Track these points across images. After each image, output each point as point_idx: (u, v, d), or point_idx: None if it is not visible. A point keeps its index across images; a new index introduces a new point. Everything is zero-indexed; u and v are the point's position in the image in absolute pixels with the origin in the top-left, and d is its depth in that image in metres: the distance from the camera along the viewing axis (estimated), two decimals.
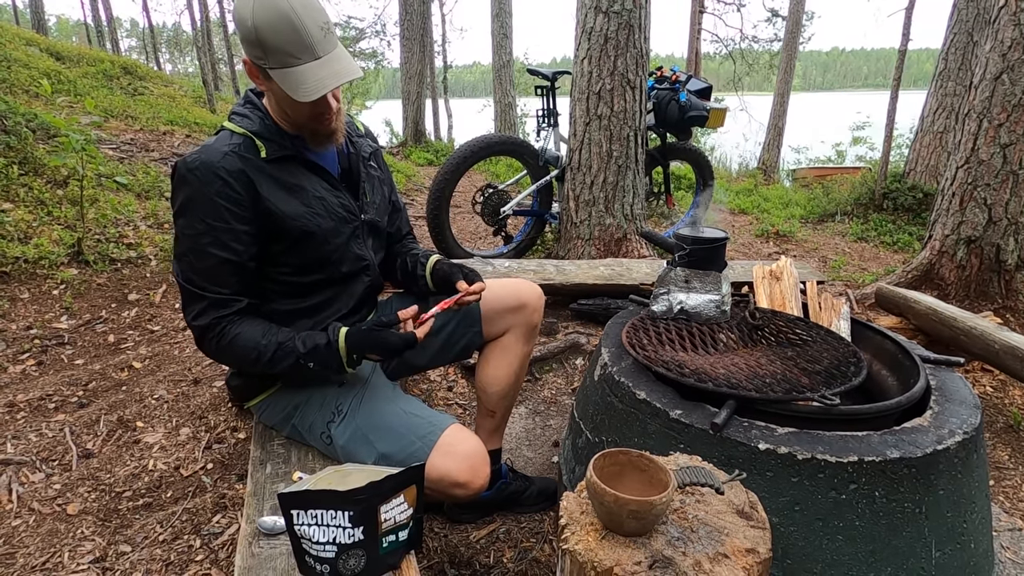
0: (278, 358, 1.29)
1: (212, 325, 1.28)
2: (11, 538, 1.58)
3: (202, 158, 1.24)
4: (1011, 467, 2.18)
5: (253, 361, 1.29)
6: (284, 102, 1.27)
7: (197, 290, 1.27)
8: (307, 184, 1.35)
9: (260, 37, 1.15)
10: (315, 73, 1.18)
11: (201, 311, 1.27)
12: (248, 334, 1.28)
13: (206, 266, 1.25)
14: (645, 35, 3.42)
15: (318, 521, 1.01)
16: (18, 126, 3.78)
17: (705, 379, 1.28)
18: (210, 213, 1.23)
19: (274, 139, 1.31)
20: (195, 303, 1.28)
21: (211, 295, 1.27)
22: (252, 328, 1.29)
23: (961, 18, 5.17)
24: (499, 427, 1.77)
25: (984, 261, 3.01)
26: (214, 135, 1.33)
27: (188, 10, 12.63)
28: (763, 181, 9.35)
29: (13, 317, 2.66)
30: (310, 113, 1.27)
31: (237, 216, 1.25)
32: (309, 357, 1.29)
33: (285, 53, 1.16)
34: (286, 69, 1.18)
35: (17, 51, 6.85)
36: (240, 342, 1.28)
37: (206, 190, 1.22)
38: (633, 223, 3.61)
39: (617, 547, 0.89)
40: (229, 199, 1.24)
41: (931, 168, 5.58)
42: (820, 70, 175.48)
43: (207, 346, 1.31)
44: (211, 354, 1.36)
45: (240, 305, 1.29)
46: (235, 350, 1.29)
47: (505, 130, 10.94)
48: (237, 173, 1.24)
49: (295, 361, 1.29)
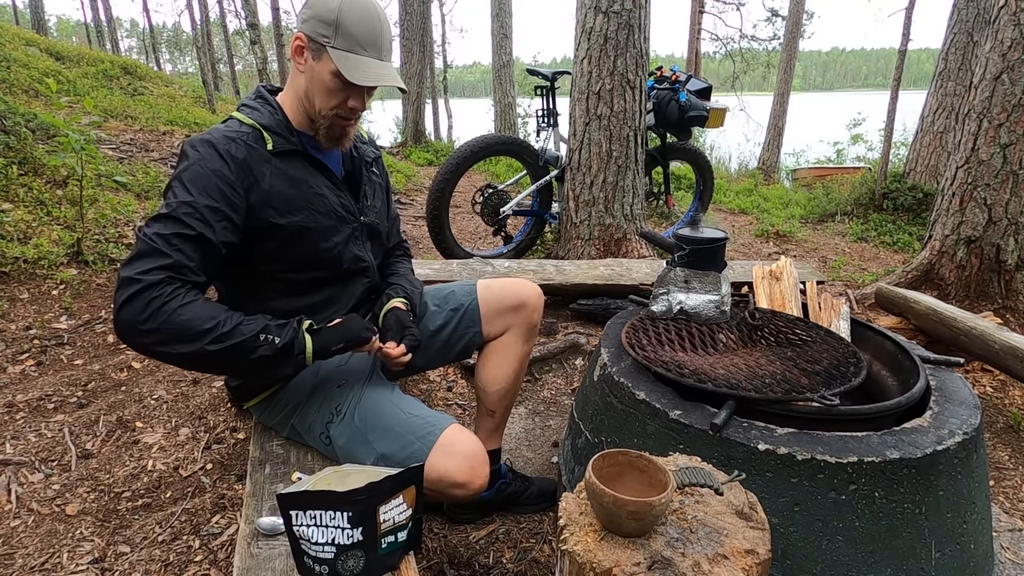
0: (237, 331, 1.17)
1: (162, 282, 1.13)
2: (10, 538, 1.58)
3: (208, 138, 1.25)
4: (1011, 467, 2.17)
5: (203, 332, 1.14)
6: (318, 88, 1.28)
7: (158, 247, 1.14)
8: (310, 180, 1.35)
9: (340, 20, 1.23)
10: (374, 66, 1.28)
11: (154, 267, 1.13)
12: (207, 306, 1.18)
13: (177, 231, 1.16)
14: (645, 35, 3.42)
15: (317, 522, 1.01)
16: (17, 126, 3.78)
17: (704, 379, 1.28)
18: (203, 187, 1.20)
19: (282, 133, 1.32)
20: (148, 258, 1.14)
21: (173, 257, 1.15)
22: (212, 304, 1.20)
23: (961, 18, 5.17)
24: (499, 427, 1.77)
25: (984, 261, 3.01)
26: (222, 123, 1.33)
27: (188, 10, 12.65)
28: (763, 181, 9.36)
29: (12, 317, 2.66)
30: (339, 105, 1.29)
31: (227, 200, 1.22)
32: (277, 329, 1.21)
33: (356, 41, 1.25)
34: (350, 54, 1.25)
35: (17, 51, 6.85)
36: (196, 309, 1.15)
37: (205, 165, 1.22)
38: (633, 223, 3.60)
39: (616, 548, 0.89)
40: (224, 180, 1.22)
41: (931, 168, 5.58)
42: (820, 70, 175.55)
43: (142, 305, 1.11)
44: (140, 318, 1.11)
45: (198, 280, 1.20)
46: (184, 315, 1.13)
47: (505, 130, 10.94)
48: (239, 160, 1.25)
49: (255, 334, 1.19)
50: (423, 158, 8.90)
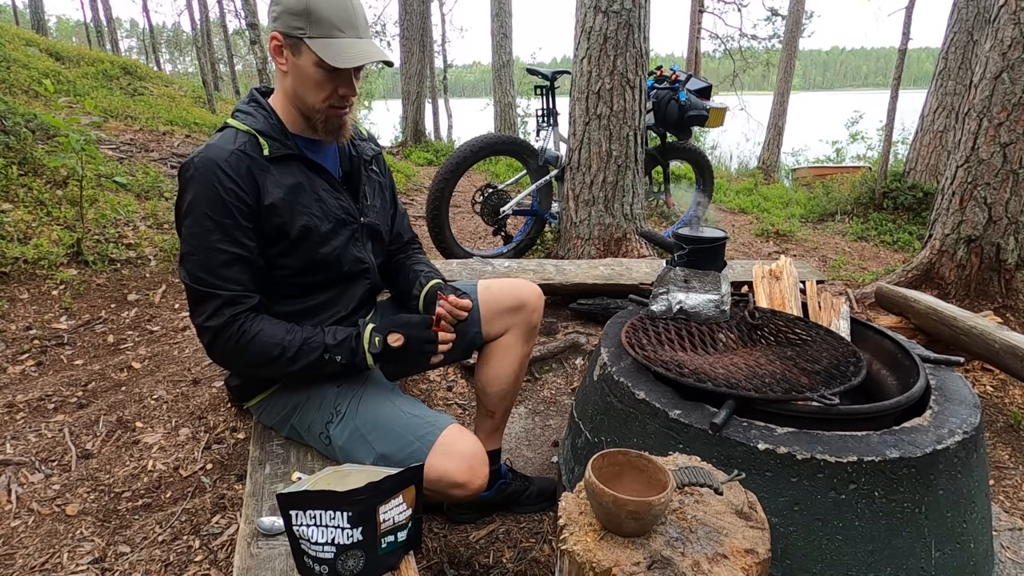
0: (303, 353, 1.26)
1: (228, 324, 1.23)
2: (10, 539, 1.58)
3: (209, 156, 1.24)
4: (1011, 466, 2.17)
5: (274, 359, 1.25)
6: (305, 83, 1.27)
7: (208, 289, 1.23)
8: (307, 184, 1.35)
9: (310, 7, 1.19)
10: (356, 46, 1.24)
11: (215, 310, 1.23)
12: (270, 330, 1.25)
13: (217, 263, 1.23)
14: (645, 34, 3.41)
15: (317, 522, 1.01)
16: (17, 126, 3.78)
17: (704, 379, 1.28)
18: (218, 210, 1.23)
19: (277, 138, 1.31)
20: (206, 303, 1.24)
21: (224, 292, 1.23)
22: (273, 324, 1.27)
23: (961, 17, 5.17)
24: (498, 428, 1.77)
25: (984, 260, 3.01)
26: (217, 132, 1.33)
27: (188, 10, 12.65)
28: (763, 180, 9.35)
29: (12, 317, 2.66)
30: (330, 96, 1.28)
31: (244, 213, 1.25)
32: (337, 349, 1.29)
33: (331, 25, 1.21)
34: (328, 39, 1.21)
35: (17, 51, 6.85)
36: (263, 338, 1.24)
37: (214, 187, 1.23)
38: (633, 223, 3.60)
39: (616, 547, 0.89)
40: (236, 196, 1.24)
41: (931, 167, 5.58)
42: (820, 69, 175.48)
43: (221, 347, 1.25)
44: (226, 356, 1.29)
45: (253, 301, 1.27)
46: (256, 347, 1.24)
47: (505, 130, 10.93)
48: (243, 172, 1.25)
49: (320, 355, 1.28)
50: (423, 158, 8.90)
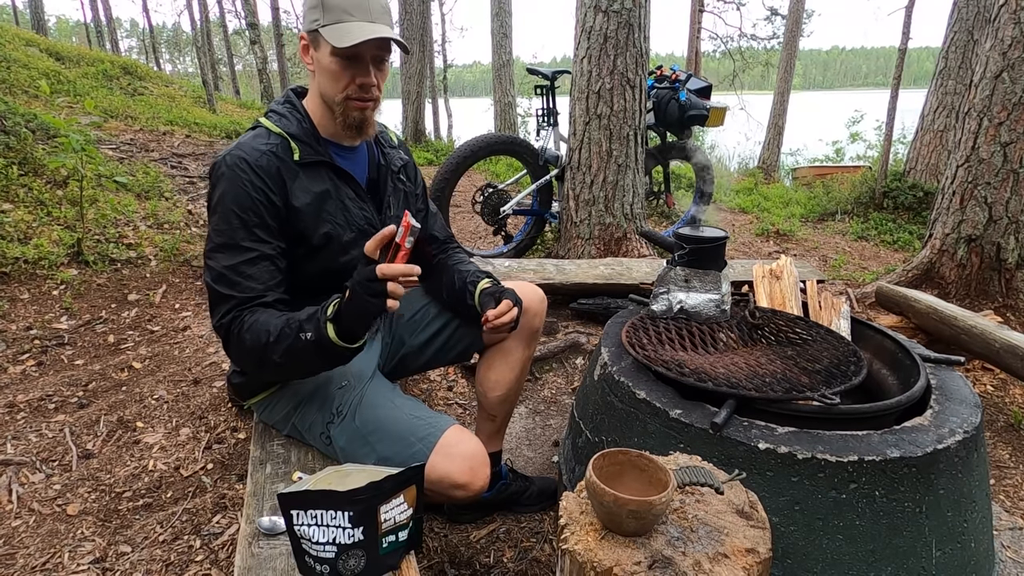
0: (284, 335, 1.20)
1: (234, 319, 1.23)
2: (11, 539, 1.58)
3: (239, 154, 1.26)
4: (1012, 466, 2.17)
5: (264, 345, 1.20)
6: (325, 76, 1.28)
7: (225, 289, 1.23)
8: (334, 192, 1.36)
9: None
10: (363, 27, 1.23)
11: (227, 311, 1.23)
12: (264, 318, 1.23)
13: (239, 260, 1.24)
14: (645, 34, 3.41)
15: (318, 521, 1.01)
16: (18, 126, 3.78)
17: (705, 378, 1.28)
18: (247, 207, 1.24)
19: (309, 143, 1.33)
20: (222, 304, 1.24)
21: (239, 294, 1.23)
22: (268, 313, 1.25)
23: (961, 16, 5.17)
24: (499, 430, 1.76)
25: (984, 260, 3.01)
26: (250, 130, 1.34)
27: (188, 10, 12.65)
28: (763, 180, 9.35)
29: (13, 317, 2.66)
30: (347, 85, 1.27)
31: (271, 213, 1.27)
32: (308, 323, 1.20)
33: (341, 10, 1.22)
34: (337, 24, 1.22)
35: (17, 51, 6.85)
36: (256, 327, 1.22)
37: (243, 186, 1.24)
38: (633, 222, 3.60)
39: (617, 547, 0.89)
40: (264, 195, 1.26)
41: (931, 167, 5.57)
42: (820, 69, 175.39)
43: (231, 344, 1.25)
44: (234, 351, 1.27)
45: (265, 300, 1.26)
46: (251, 336, 1.21)
47: (505, 130, 10.93)
48: (273, 173, 1.27)
49: (296, 335, 1.20)
50: (423, 157, 8.89)
